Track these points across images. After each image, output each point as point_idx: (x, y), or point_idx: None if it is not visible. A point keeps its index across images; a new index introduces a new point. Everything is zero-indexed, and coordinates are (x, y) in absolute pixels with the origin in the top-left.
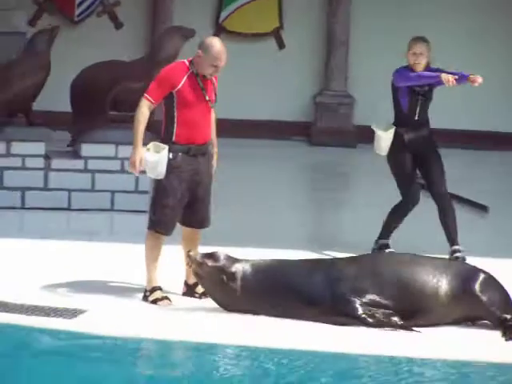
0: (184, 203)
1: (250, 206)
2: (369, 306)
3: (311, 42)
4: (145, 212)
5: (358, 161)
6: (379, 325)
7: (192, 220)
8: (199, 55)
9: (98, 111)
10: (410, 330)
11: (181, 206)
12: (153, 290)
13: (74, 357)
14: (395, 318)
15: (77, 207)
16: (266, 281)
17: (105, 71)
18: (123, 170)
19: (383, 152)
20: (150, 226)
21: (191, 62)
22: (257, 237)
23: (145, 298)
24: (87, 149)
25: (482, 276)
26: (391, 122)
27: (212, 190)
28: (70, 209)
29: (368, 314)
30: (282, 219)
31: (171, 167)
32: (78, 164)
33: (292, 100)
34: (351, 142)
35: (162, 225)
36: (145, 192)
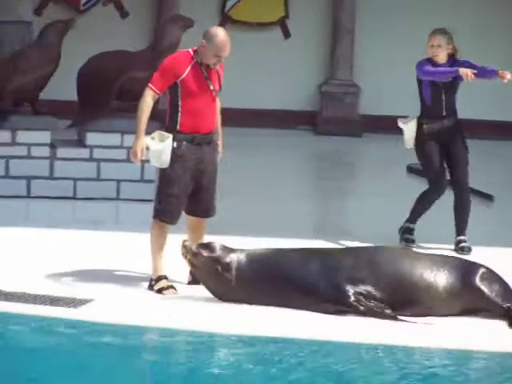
0: (189, 192)
1: (256, 195)
2: (362, 296)
3: (317, 31)
4: (150, 201)
5: (364, 150)
6: (371, 314)
7: (197, 209)
8: (203, 45)
9: (103, 100)
10: (403, 321)
11: (185, 195)
12: (158, 279)
13: (80, 346)
14: (388, 311)
15: (82, 196)
16: (261, 270)
17: (111, 61)
18: (129, 159)
19: (408, 145)
20: (155, 215)
21: (196, 52)
22: (262, 226)
23: (150, 287)
24: (93, 138)
25: (480, 270)
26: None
27: (217, 179)
28: (75, 198)
29: (360, 303)
30: (287, 208)
31: (176, 156)
32: (83, 153)
33: (297, 89)
34: (357, 131)
35: (167, 214)
36: (150, 181)
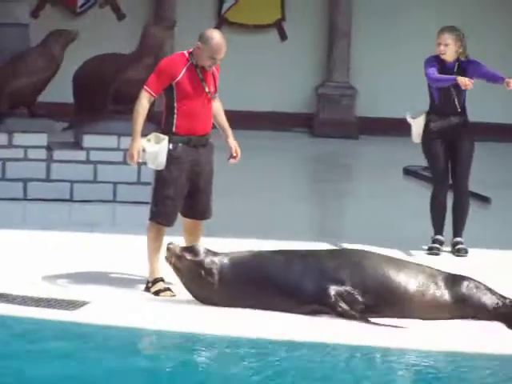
0: (185, 194)
1: (252, 197)
2: (342, 298)
3: (313, 33)
4: (147, 203)
5: (361, 152)
6: (349, 316)
7: (193, 211)
8: (199, 47)
9: (100, 103)
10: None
11: (181, 197)
12: (155, 282)
13: (77, 348)
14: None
15: (79, 198)
16: (244, 274)
17: (107, 63)
18: (125, 162)
19: (415, 139)
20: (151, 218)
21: (191, 54)
22: (259, 228)
23: (147, 290)
24: (89, 140)
25: (465, 281)
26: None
27: (213, 181)
28: (72, 200)
29: (339, 304)
30: (284, 210)
31: (171, 158)
32: (80, 155)
33: (294, 91)
34: (353, 134)
35: (163, 216)
36: (147, 183)
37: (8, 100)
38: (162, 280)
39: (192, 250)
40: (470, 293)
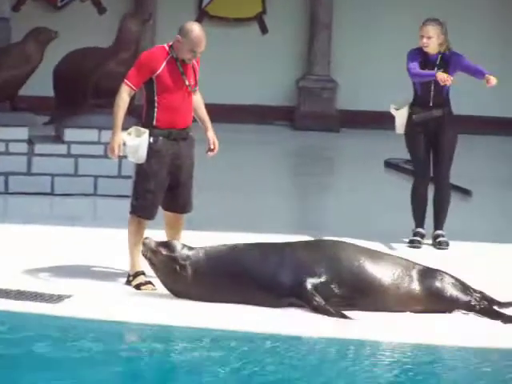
0: (165, 187)
1: (234, 191)
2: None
3: (294, 26)
4: (128, 197)
5: (342, 145)
6: (323, 310)
7: (174, 205)
8: (178, 40)
9: (80, 96)
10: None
11: (162, 191)
12: (136, 275)
13: (60, 341)
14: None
15: (60, 192)
16: (219, 267)
17: (88, 57)
18: (106, 155)
19: (398, 130)
20: (132, 211)
21: (171, 47)
22: (241, 222)
23: (128, 283)
24: (70, 134)
25: (439, 275)
26: (410, 99)
27: (194, 174)
28: (53, 194)
29: (314, 298)
30: (266, 204)
31: (152, 151)
32: (61, 149)
33: (275, 85)
34: (334, 127)
35: (143, 210)
36: (128, 177)
37: None
38: (143, 273)
39: (167, 245)
40: (443, 286)
